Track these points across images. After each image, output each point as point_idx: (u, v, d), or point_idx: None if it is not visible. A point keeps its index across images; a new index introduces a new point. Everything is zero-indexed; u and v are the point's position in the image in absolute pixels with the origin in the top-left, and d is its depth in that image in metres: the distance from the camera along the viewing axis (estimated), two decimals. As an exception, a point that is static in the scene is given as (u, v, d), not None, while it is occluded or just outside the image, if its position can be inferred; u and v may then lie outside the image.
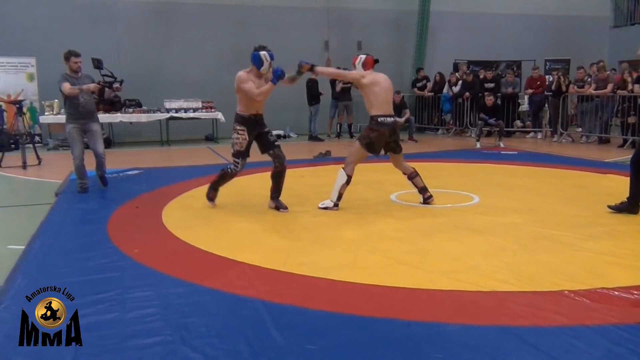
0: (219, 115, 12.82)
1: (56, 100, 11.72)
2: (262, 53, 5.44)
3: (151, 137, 13.10)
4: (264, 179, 7.52)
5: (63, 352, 2.62)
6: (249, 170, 8.17)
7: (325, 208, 5.62)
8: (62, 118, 11.61)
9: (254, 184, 7.23)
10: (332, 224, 5.07)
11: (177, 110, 12.64)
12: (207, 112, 12.92)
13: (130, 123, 12.53)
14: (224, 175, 5.76)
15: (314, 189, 6.74)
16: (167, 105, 12.67)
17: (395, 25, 15.63)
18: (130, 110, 12.48)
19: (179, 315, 3.03)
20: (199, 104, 12.92)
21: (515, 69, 15.50)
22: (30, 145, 9.62)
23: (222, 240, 4.56)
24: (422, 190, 5.79)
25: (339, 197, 5.65)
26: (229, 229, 4.98)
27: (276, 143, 5.68)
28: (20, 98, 11.00)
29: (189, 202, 6.16)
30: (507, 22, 15.92)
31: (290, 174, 7.50)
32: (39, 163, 9.29)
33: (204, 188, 6.86)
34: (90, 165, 6.66)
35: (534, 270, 3.72)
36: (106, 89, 6.52)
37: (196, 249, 4.29)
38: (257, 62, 5.45)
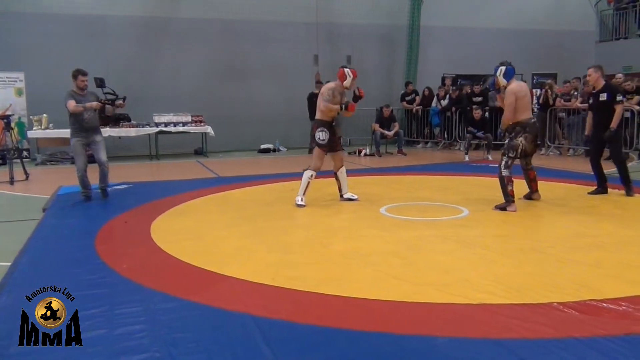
0: (209, 129, 12.83)
1: (45, 115, 11.67)
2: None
3: (140, 152, 13.04)
4: (256, 193, 7.53)
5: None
6: (240, 184, 8.19)
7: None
8: (50, 133, 11.69)
9: (244, 197, 7.22)
10: (322, 238, 5.06)
11: (166, 125, 12.61)
12: (196, 126, 12.91)
13: (119, 137, 12.46)
14: None
15: (305, 201, 6.74)
16: (156, 119, 12.64)
17: (385, 39, 15.78)
18: (119, 124, 12.43)
19: (167, 331, 3.00)
20: (189, 118, 12.90)
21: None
22: (18, 160, 9.56)
23: (211, 254, 4.53)
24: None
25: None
26: (218, 243, 4.95)
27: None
28: (8, 113, 10.89)
29: (177, 216, 6.12)
30: (495, 36, 16.09)
31: (280, 188, 7.53)
32: (27, 178, 9.22)
33: (194, 202, 6.87)
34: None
35: (522, 283, 3.73)
36: (107, 106, 6.82)
37: (185, 264, 4.26)
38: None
